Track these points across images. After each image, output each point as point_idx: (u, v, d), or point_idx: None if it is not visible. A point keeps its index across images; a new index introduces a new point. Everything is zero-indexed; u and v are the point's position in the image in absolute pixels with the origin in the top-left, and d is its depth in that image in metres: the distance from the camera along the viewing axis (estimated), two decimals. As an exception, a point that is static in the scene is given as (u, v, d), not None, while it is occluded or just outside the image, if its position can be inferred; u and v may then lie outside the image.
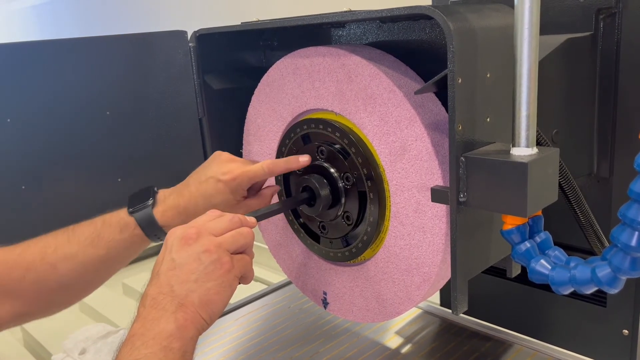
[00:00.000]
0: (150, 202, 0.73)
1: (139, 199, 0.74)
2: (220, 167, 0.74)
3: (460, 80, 0.53)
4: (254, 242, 0.63)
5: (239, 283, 0.61)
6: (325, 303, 0.82)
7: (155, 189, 0.75)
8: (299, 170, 0.76)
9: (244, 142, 0.88)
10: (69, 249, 0.71)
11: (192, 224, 0.60)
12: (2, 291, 0.69)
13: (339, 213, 0.74)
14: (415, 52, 0.72)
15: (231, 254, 0.59)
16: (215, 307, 0.56)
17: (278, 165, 0.74)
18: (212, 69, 0.90)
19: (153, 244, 0.76)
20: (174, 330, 0.53)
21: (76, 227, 0.73)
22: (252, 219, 0.64)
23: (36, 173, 0.84)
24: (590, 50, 0.76)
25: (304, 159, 0.74)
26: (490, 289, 0.96)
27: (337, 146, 0.72)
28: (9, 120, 0.81)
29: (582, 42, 0.75)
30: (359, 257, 0.74)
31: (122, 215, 0.73)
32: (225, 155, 0.77)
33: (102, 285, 0.78)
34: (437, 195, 0.59)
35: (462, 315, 0.92)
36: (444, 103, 0.62)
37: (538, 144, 0.58)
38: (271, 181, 0.83)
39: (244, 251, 0.61)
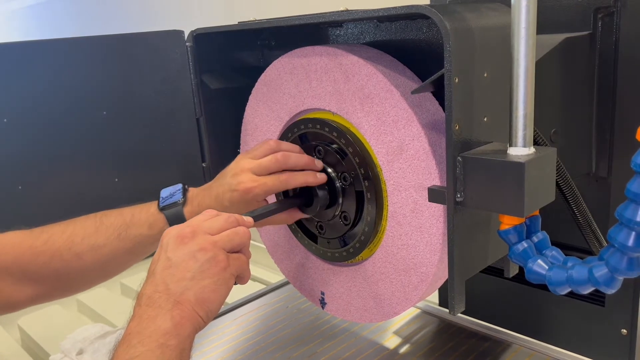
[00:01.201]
0: (181, 200, 0.73)
1: (170, 195, 0.74)
2: (236, 175, 0.72)
3: (457, 80, 0.53)
4: (252, 242, 0.63)
5: (236, 283, 0.61)
6: (323, 303, 0.82)
7: (186, 186, 0.75)
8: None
9: (241, 141, 0.88)
10: (96, 240, 0.71)
11: (188, 223, 0.60)
12: (26, 275, 0.70)
13: (337, 213, 0.74)
14: (412, 51, 0.71)
15: (227, 252, 0.59)
16: (212, 305, 0.56)
17: (296, 179, 0.72)
18: (209, 69, 0.89)
19: None
20: (170, 327, 0.53)
21: (104, 217, 0.73)
22: (249, 219, 0.64)
23: (33, 173, 0.84)
24: (588, 50, 0.75)
25: (321, 177, 0.72)
26: (489, 288, 0.96)
27: (334, 146, 0.72)
28: (5, 120, 0.81)
29: (581, 41, 0.75)
30: (357, 257, 0.74)
31: (152, 211, 0.73)
32: (243, 162, 0.73)
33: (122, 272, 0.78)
34: (434, 195, 0.59)
35: (460, 315, 0.92)
36: (442, 103, 0.61)
37: (536, 143, 0.58)
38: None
39: (240, 250, 0.61)
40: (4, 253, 0.69)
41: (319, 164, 0.73)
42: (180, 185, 0.75)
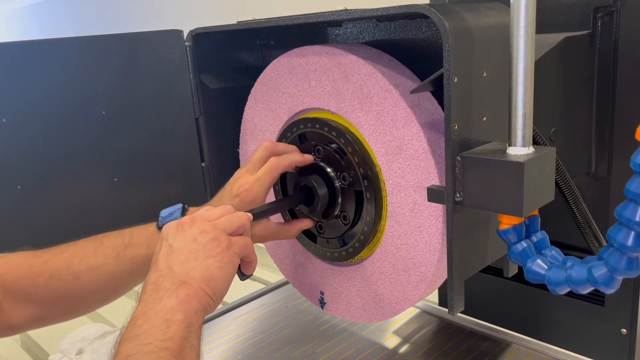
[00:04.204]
0: (180, 219, 0.73)
1: (169, 215, 0.74)
2: (235, 183, 0.72)
3: (456, 79, 0.53)
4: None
5: (244, 276, 0.62)
6: (322, 303, 0.82)
7: (186, 206, 0.75)
8: (295, 170, 0.76)
9: (240, 141, 0.88)
10: (95, 260, 0.71)
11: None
12: (27, 296, 0.69)
13: (336, 213, 0.74)
14: (411, 51, 0.71)
15: (228, 234, 0.59)
16: (219, 283, 0.56)
17: (284, 159, 0.72)
18: (208, 68, 0.89)
19: None
20: (176, 304, 0.52)
21: (104, 238, 0.72)
22: (248, 214, 0.64)
23: (32, 173, 0.84)
24: (588, 49, 0.75)
25: (308, 156, 0.73)
26: (488, 288, 0.96)
27: (333, 145, 0.72)
28: (4, 120, 0.81)
29: (580, 40, 0.75)
30: (356, 257, 0.74)
31: (150, 231, 0.72)
32: (240, 170, 0.74)
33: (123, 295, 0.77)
34: (433, 194, 0.59)
35: (459, 314, 0.92)
36: (441, 102, 0.61)
37: (535, 143, 0.58)
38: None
39: (242, 234, 0.61)
40: (6, 273, 0.69)
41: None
42: (180, 205, 0.75)
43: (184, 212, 0.72)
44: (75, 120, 0.85)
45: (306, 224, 0.76)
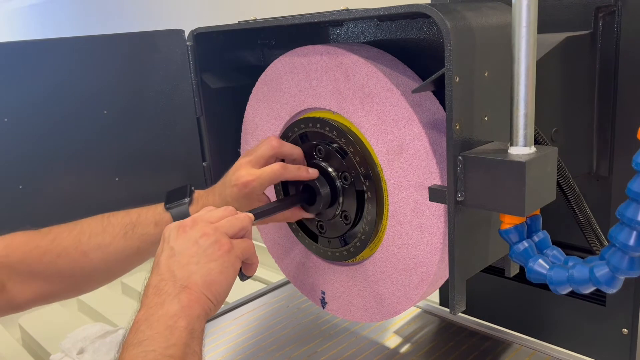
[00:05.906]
0: (187, 200, 0.74)
1: (176, 195, 0.75)
2: (235, 172, 0.73)
3: (457, 79, 0.53)
4: (253, 242, 0.63)
5: (245, 277, 0.62)
6: (323, 302, 0.82)
7: (192, 187, 0.75)
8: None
9: (241, 141, 0.88)
10: (103, 238, 0.72)
11: (189, 217, 0.60)
12: (33, 275, 0.70)
13: (337, 212, 0.74)
14: (413, 50, 0.71)
15: (230, 237, 0.59)
16: (220, 287, 0.56)
17: (289, 171, 0.72)
18: (209, 68, 0.89)
19: None
20: (178, 309, 0.52)
21: (111, 217, 0.74)
22: (249, 215, 0.64)
23: (34, 172, 0.84)
24: (589, 49, 0.75)
25: (313, 172, 0.73)
26: (489, 288, 0.96)
27: (335, 145, 0.72)
28: (6, 119, 0.81)
29: (582, 40, 0.75)
30: (357, 257, 0.74)
31: (158, 210, 0.73)
32: (243, 159, 0.74)
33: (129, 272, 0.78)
34: (435, 194, 0.59)
35: (461, 314, 0.92)
36: (442, 102, 0.61)
37: (537, 142, 0.58)
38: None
39: (243, 236, 0.61)
40: (11, 252, 0.70)
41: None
42: (187, 186, 0.76)
43: (190, 193, 0.74)
44: (77, 120, 0.85)
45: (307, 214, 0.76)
